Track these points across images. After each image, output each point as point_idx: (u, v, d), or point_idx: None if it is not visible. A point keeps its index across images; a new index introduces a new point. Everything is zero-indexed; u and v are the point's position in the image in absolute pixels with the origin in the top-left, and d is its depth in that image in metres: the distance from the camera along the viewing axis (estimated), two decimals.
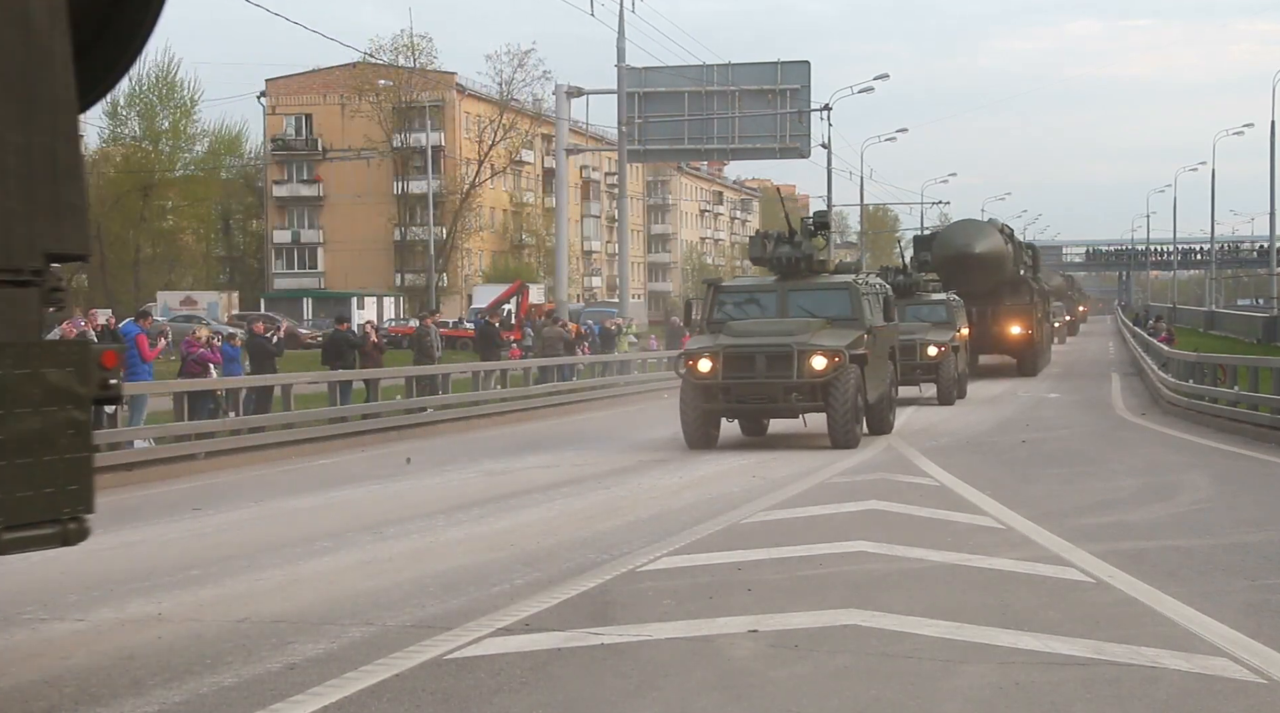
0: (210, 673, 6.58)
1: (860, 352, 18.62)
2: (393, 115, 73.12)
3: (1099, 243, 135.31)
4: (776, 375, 17.85)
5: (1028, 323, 37.66)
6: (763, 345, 18.17)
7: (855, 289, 18.99)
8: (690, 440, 18.37)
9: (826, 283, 19.75)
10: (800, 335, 18.09)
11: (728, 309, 19.41)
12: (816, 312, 19.22)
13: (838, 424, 18.08)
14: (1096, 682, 6.13)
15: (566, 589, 8.41)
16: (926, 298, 30.29)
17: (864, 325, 18.54)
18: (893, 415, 20.45)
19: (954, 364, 27.45)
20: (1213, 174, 76.00)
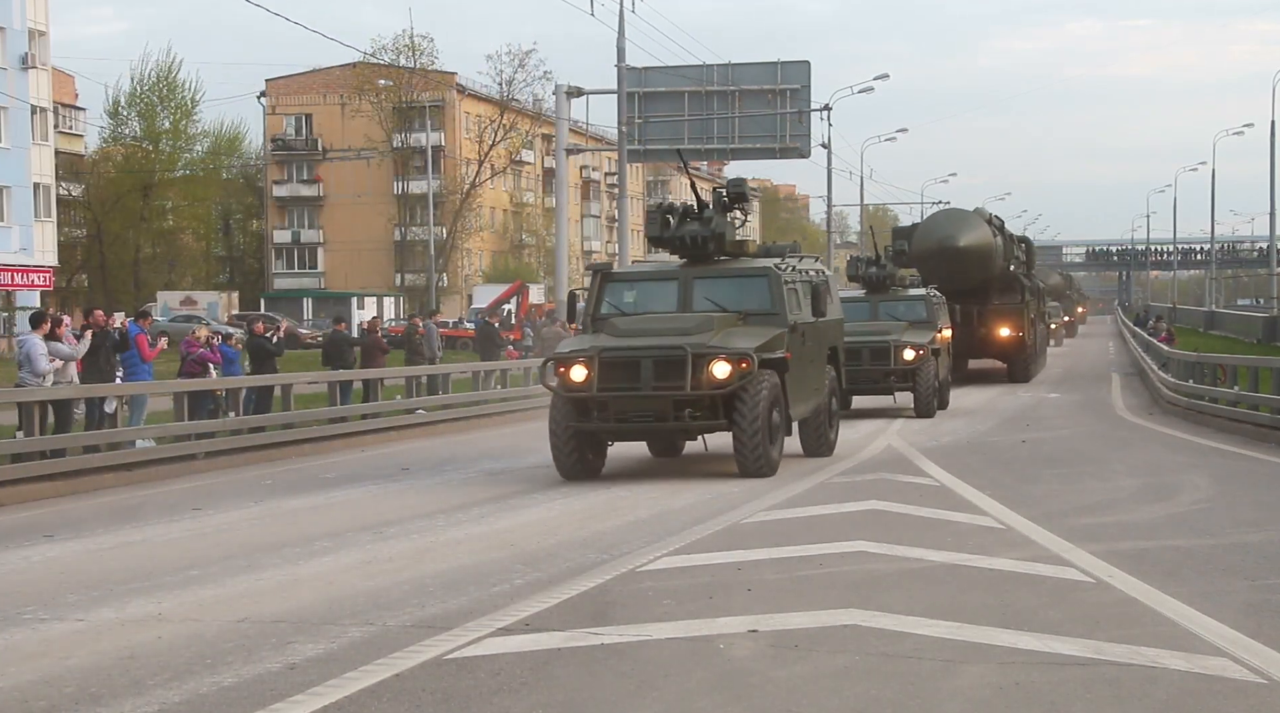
0: (210, 673, 6.58)
1: (778, 355, 14.96)
2: (393, 115, 73.11)
3: (1099, 243, 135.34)
4: (666, 386, 14.21)
5: (1019, 324, 34.28)
6: (650, 348, 14.39)
7: (776, 277, 14.51)
8: (562, 469, 14.68)
9: (741, 269, 15.97)
10: (699, 335, 14.50)
11: (621, 302, 15.84)
12: (728, 305, 15.33)
13: (745, 447, 14.29)
14: (1096, 682, 6.12)
15: (566, 589, 8.41)
16: (902, 293, 27.32)
17: (786, 322, 14.35)
18: (834, 434, 16.11)
19: (934, 370, 24.41)
20: (1213, 174, 76.08)
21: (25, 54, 53.86)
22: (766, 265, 15.62)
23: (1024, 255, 38.98)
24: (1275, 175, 59.08)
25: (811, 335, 16.09)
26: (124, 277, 62.24)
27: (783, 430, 14.82)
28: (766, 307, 15.17)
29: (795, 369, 15.21)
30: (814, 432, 16.55)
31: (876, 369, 23.94)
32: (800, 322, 15.57)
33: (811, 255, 18.13)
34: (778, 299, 15.26)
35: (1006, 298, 34.65)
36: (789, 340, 15.06)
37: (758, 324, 14.89)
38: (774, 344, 14.71)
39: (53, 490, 14.84)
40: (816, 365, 16.47)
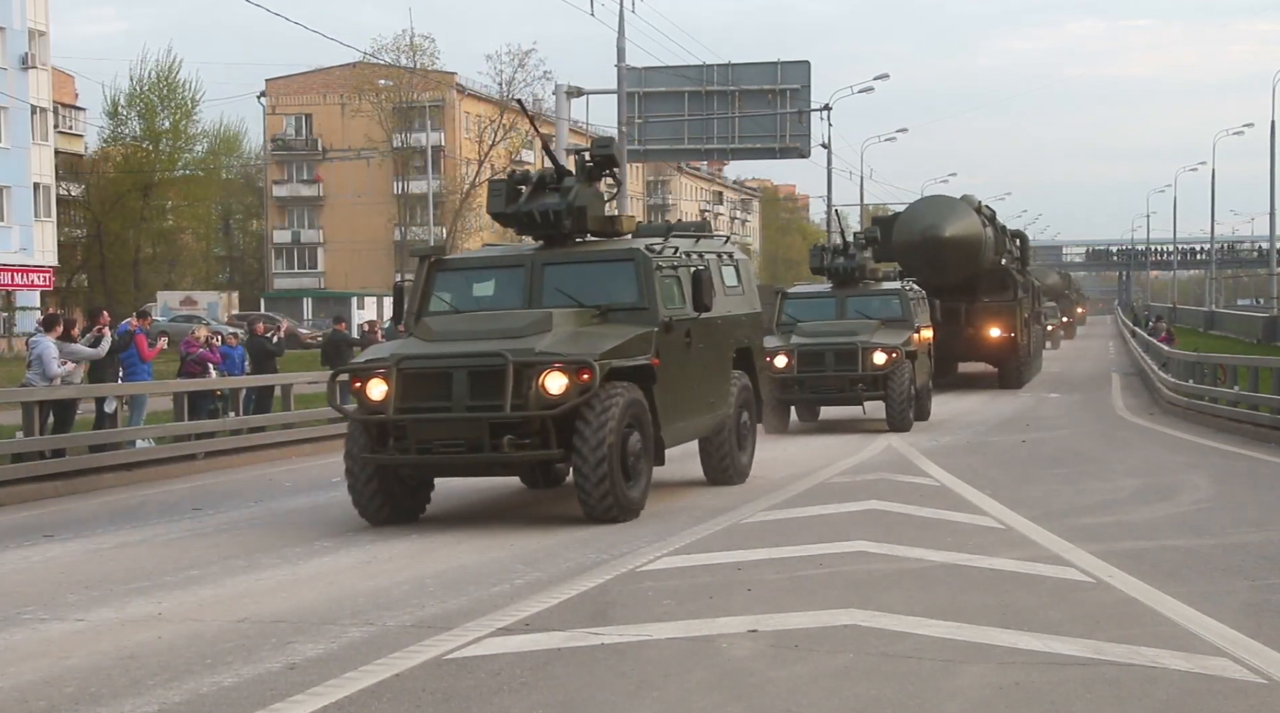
0: (210, 673, 6.58)
1: (640, 361, 16.70)
2: (393, 115, 73.10)
3: (1099, 243, 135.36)
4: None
5: (1010, 324, 31.46)
6: (464, 356, 15.79)
7: (645, 261, 12.39)
8: (364, 512, 14.79)
9: (602, 252, 17.83)
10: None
11: (457, 296, 17.11)
12: (586, 298, 16.01)
13: (588, 483, 14.43)
14: (1096, 682, 6.12)
15: (566, 589, 8.41)
16: (874, 287, 23.50)
17: (656, 318, 12.05)
18: (748, 456, 14.35)
19: (909, 376, 21.17)
20: (1213, 174, 76.08)
21: (25, 54, 53.89)
22: (633, 247, 12.62)
23: (1018, 250, 36.33)
24: (1275, 175, 59.08)
25: (702, 335, 13.06)
26: (124, 277, 62.19)
27: (648, 459, 11.69)
28: (633, 299, 12.19)
29: (671, 379, 12.23)
30: (716, 454, 13.75)
31: (841, 376, 20.95)
32: (679, 318, 12.57)
33: (720, 234, 15.68)
34: (647, 290, 12.29)
35: (997, 295, 31.94)
36: (660, 342, 12.08)
37: (621, 321, 12.05)
38: (633, 347, 11.67)
39: (53, 491, 14.84)
40: (712, 372, 13.40)
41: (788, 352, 20.91)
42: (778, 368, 20.40)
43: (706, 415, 13.27)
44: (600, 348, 11.24)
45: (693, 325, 12.84)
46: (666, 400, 12.14)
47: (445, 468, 11.51)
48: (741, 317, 14.39)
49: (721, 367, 13.70)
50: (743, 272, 14.87)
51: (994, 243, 32.20)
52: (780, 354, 20.72)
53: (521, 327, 11.49)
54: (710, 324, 13.26)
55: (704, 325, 13.09)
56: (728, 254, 14.59)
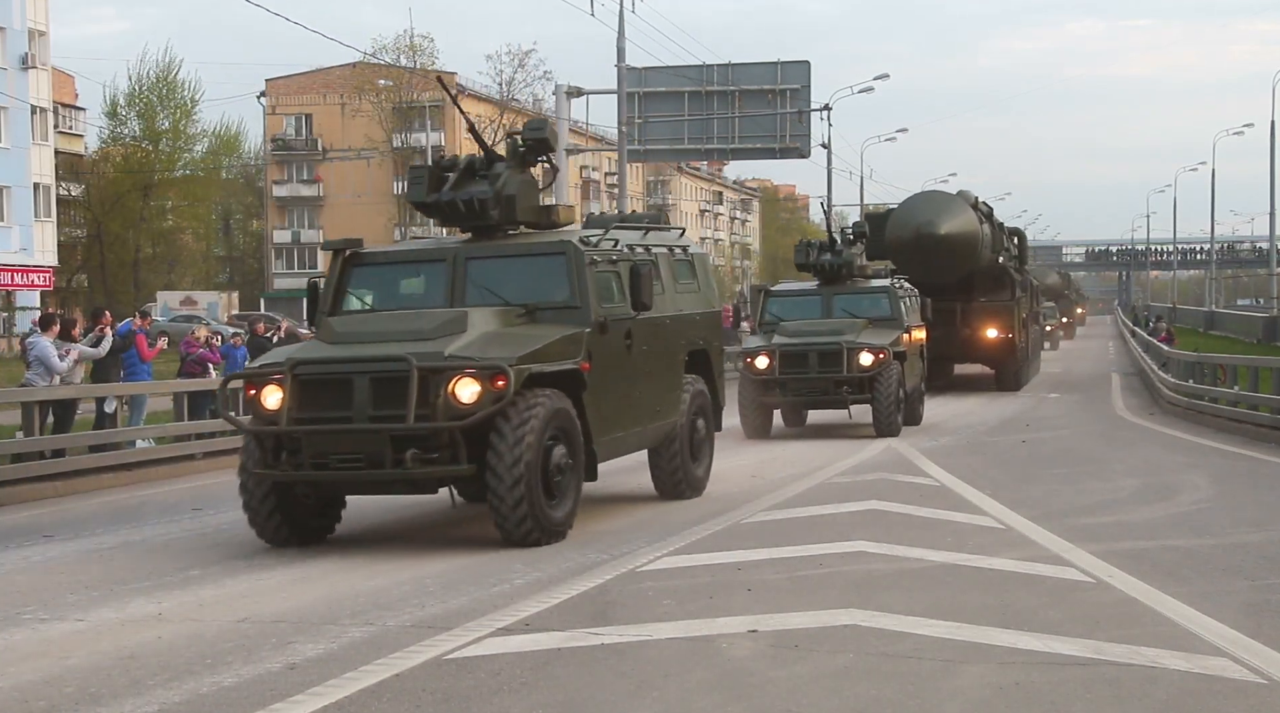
0: (210, 673, 6.58)
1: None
2: (393, 115, 73.12)
3: (1099, 243, 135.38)
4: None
5: (1008, 324, 30.45)
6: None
7: (577, 255, 11.12)
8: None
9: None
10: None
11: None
12: (514, 295, 16.60)
13: (503, 505, 15.35)
14: (1096, 682, 6.12)
15: (566, 589, 8.41)
16: (862, 285, 22.34)
17: (589, 317, 10.79)
18: (704, 468, 13.02)
19: (897, 377, 20.03)
20: (1213, 174, 76.09)
21: (25, 54, 53.90)
22: (564, 240, 11.44)
23: (1015, 248, 35.28)
24: (1275, 175, 59.10)
25: (647, 336, 11.95)
26: (124, 277, 62.20)
27: (576, 475, 10.47)
28: (564, 297, 11.05)
29: (606, 385, 11.14)
30: (667, 466, 12.66)
31: (825, 378, 19.80)
32: (617, 317, 11.42)
33: (677, 227, 14.31)
34: (579, 287, 11.12)
35: (994, 295, 30.95)
36: (593, 344, 10.96)
37: (551, 321, 10.90)
38: (558, 350, 10.51)
39: (53, 491, 14.84)
40: (659, 377, 12.22)
41: (769, 352, 19.99)
42: (758, 369, 19.91)
43: (652, 424, 12.11)
44: (518, 351, 10.05)
45: (634, 326, 11.70)
46: (600, 409, 11.01)
47: (343, 485, 10.34)
48: (695, 316, 13.17)
49: (670, 371, 12.55)
50: (699, 267, 13.63)
51: (991, 240, 31.08)
52: (761, 355, 20.04)
53: (432, 328, 10.29)
54: (656, 325, 12.14)
55: (648, 326, 11.97)
56: (681, 248, 13.44)
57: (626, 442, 11.78)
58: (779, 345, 20.08)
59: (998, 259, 31.82)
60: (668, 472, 12.74)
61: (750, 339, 21.35)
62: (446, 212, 11.64)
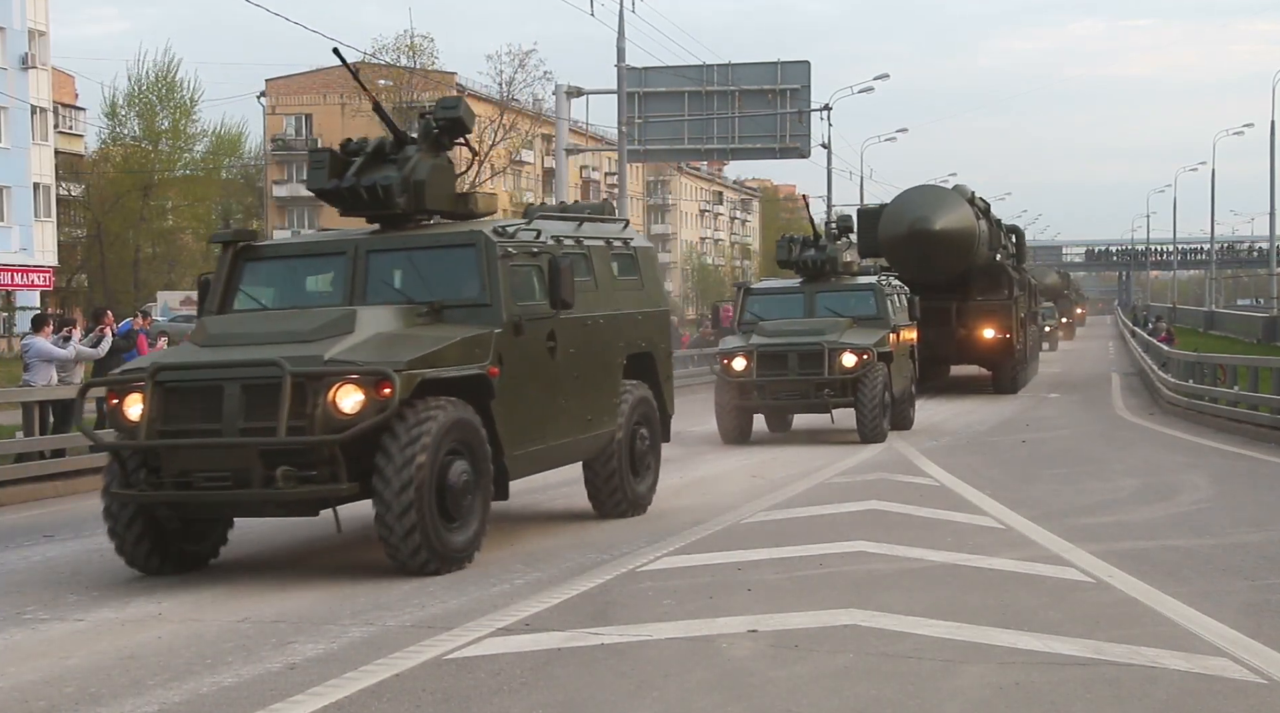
0: (210, 673, 6.58)
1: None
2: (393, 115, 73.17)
3: (1099, 243, 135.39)
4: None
5: (1005, 324, 29.51)
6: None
7: (488, 247, 9.89)
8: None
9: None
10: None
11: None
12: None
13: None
14: (1096, 682, 6.12)
15: (566, 589, 8.41)
16: (848, 282, 20.98)
17: (501, 316, 9.57)
18: (647, 483, 11.84)
19: (883, 380, 18.95)
20: (1213, 174, 76.10)
21: (25, 54, 53.92)
22: (474, 230, 10.22)
23: (1013, 246, 34.37)
24: (1275, 175, 59.10)
25: (575, 338, 10.83)
26: (124, 277, 62.20)
27: (482, 494, 9.34)
28: (473, 293, 9.96)
29: (521, 392, 10.02)
30: (603, 482, 11.56)
31: (805, 380, 18.76)
32: (536, 317, 10.24)
33: (618, 218, 12.97)
34: (489, 282, 9.92)
35: (991, 293, 29.93)
36: (505, 346, 9.79)
37: (458, 321, 9.75)
38: (459, 353, 9.36)
39: (53, 490, 14.83)
40: (590, 383, 11.07)
41: (746, 353, 19.00)
42: (735, 371, 18.95)
43: (582, 435, 10.98)
44: (409, 354, 8.92)
45: (559, 326, 10.54)
46: (514, 419, 9.87)
47: (208, 507, 9.10)
48: (637, 316, 11.96)
49: (606, 376, 11.38)
50: (643, 262, 12.40)
51: (988, 237, 30.11)
52: (738, 356, 19.08)
53: (314, 328, 9.15)
54: (587, 325, 11.02)
55: (577, 326, 10.86)
56: (622, 241, 12.16)
57: (549, 455, 10.59)
58: (757, 346, 19.06)
59: (995, 257, 31.03)
60: (604, 487, 11.56)
61: (729, 339, 20.35)
62: (347, 199, 10.45)
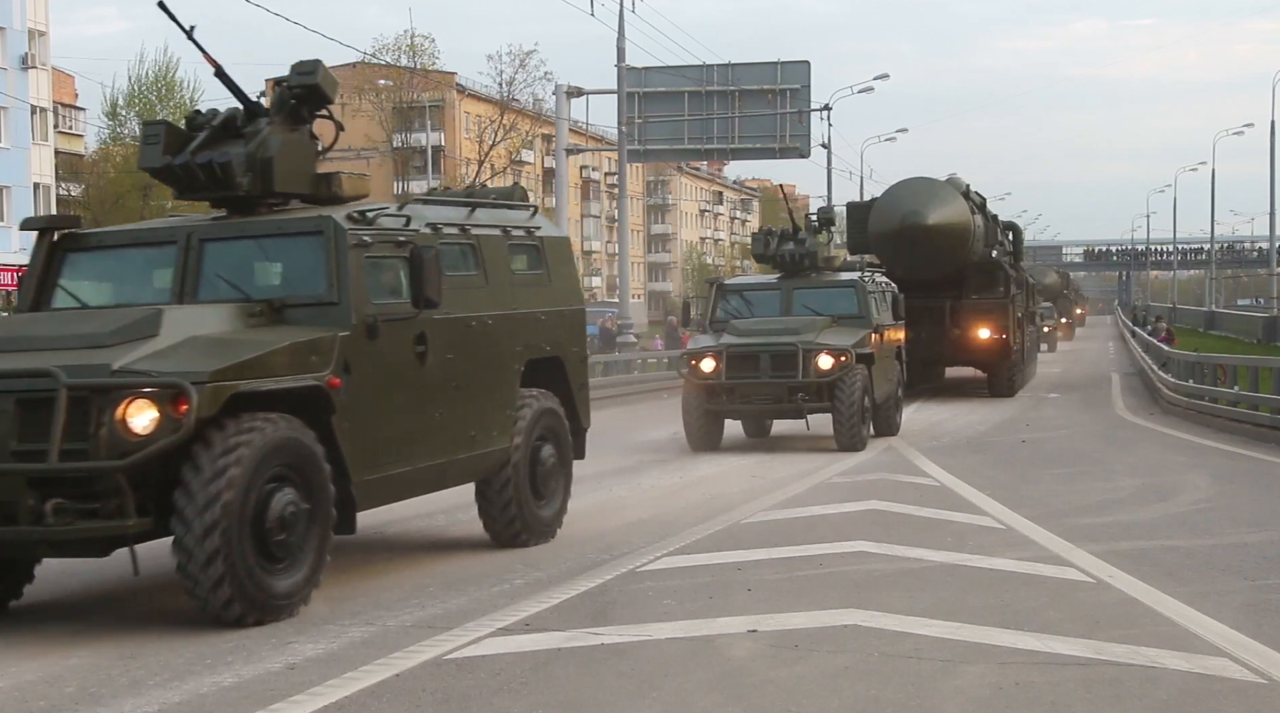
0: (210, 673, 6.58)
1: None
2: (393, 115, 73.14)
3: (1099, 243, 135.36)
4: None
5: (1001, 324, 28.27)
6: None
7: (337, 236, 8.49)
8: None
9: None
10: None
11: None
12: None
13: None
14: (1096, 682, 6.13)
15: (566, 589, 8.42)
16: (828, 278, 19.61)
17: (349, 317, 8.13)
18: (554, 506, 10.55)
19: (863, 383, 17.63)
20: (1213, 174, 76.19)
21: (25, 54, 53.97)
22: (323, 216, 8.72)
23: (1010, 243, 33.02)
24: (1275, 175, 59.14)
25: (454, 341, 9.36)
26: None
27: (319, 528, 7.94)
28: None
29: (375, 405, 8.61)
30: (498, 506, 10.10)
31: (778, 383, 17.56)
32: (398, 317, 8.78)
33: (526, 205, 11.11)
34: (337, 277, 8.49)
35: (987, 292, 28.64)
36: (353, 352, 8.39)
37: (303, 320, 8.34)
38: (287, 361, 7.95)
39: None
40: (477, 394, 9.63)
41: (715, 354, 17.78)
42: (704, 373, 17.76)
43: (463, 455, 9.50)
44: (216, 363, 7.51)
45: (433, 328, 9.08)
46: (365, 438, 8.48)
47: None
48: (540, 315, 10.44)
49: (497, 385, 9.87)
50: (551, 255, 10.80)
51: (983, 233, 28.82)
52: (706, 356, 17.85)
53: (112, 331, 7.72)
54: (471, 326, 9.55)
55: (457, 328, 9.39)
56: (525, 230, 10.60)
57: (417, 479, 9.20)
58: (726, 346, 17.81)
59: (991, 253, 29.92)
60: (498, 513, 10.10)
61: (699, 338, 19.06)
62: (182, 179, 9.04)
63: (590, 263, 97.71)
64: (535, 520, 10.28)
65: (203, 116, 9.29)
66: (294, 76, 9.29)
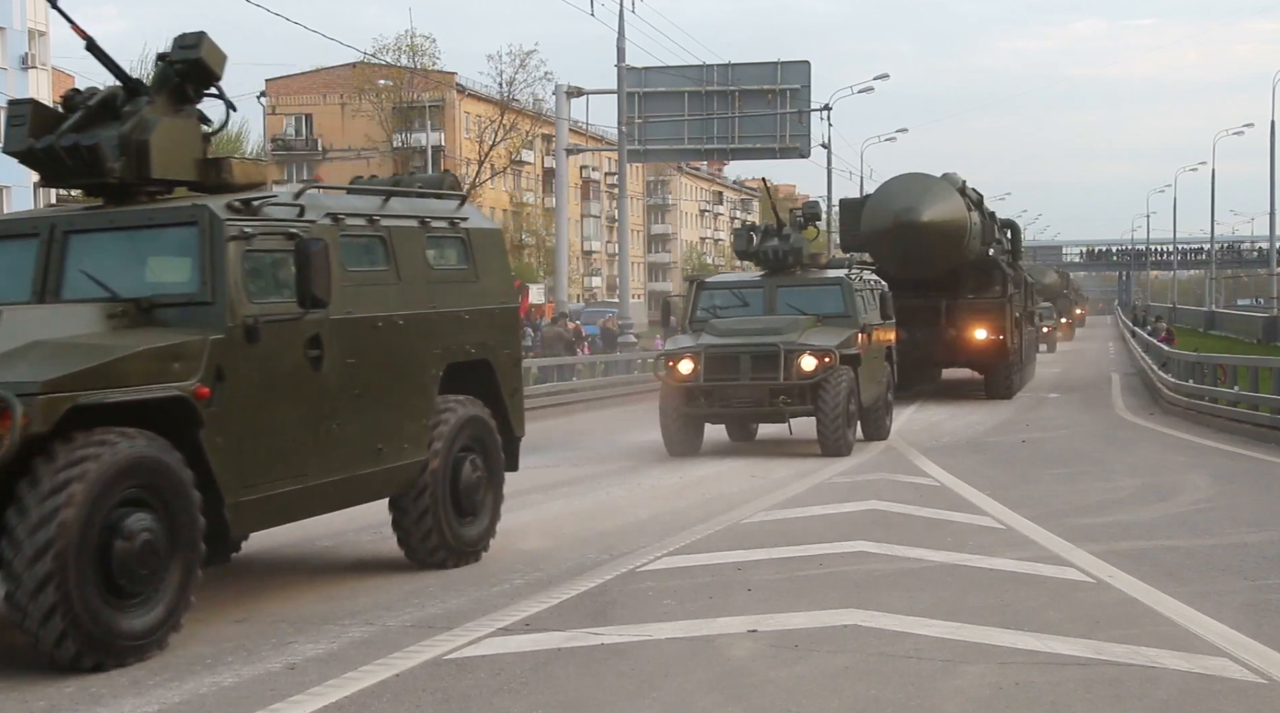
0: (210, 673, 6.58)
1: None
2: (393, 115, 73.16)
3: (1099, 243, 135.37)
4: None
5: (998, 324, 27.43)
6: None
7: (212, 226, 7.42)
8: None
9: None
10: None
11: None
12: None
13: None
14: (1096, 682, 6.13)
15: (566, 589, 8.42)
16: (814, 276, 18.68)
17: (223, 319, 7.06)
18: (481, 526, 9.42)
19: (848, 386, 16.73)
20: (1213, 174, 76.12)
21: (25, 54, 53.98)
22: (196, 204, 7.86)
23: (1008, 242, 32.06)
24: (1275, 175, 59.13)
25: (356, 344, 8.44)
26: None
27: (183, 558, 7.06)
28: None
29: (256, 418, 7.66)
30: (415, 524, 9.17)
31: (759, 385, 16.70)
32: (283, 318, 7.86)
33: (454, 194, 10.03)
34: (210, 273, 7.61)
35: (983, 291, 27.90)
36: (227, 357, 7.50)
37: (174, 321, 7.56)
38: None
39: None
40: (382, 402, 8.67)
41: (693, 355, 16.93)
42: (681, 375, 16.90)
43: (366, 469, 8.56)
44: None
45: (330, 330, 8.18)
46: (241, 454, 7.54)
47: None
48: (464, 315, 9.50)
49: (410, 392, 8.95)
50: (479, 248, 9.81)
51: (980, 230, 27.80)
52: (684, 357, 17.01)
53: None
54: (378, 328, 8.63)
55: (360, 330, 8.48)
56: (448, 221, 9.63)
57: (308, 498, 8.18)
58: (705, 346, 16.99)
59: (988, 252, 28.98)
60: (416, 531, 9.16)
61: (678, 338, 18.29)
62: (47, 164, 8.17)
63: (590, 263, 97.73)
64: (457, 540, 9.31)
65: (80, 95, 8.37)
66: (176, 51, 8.36)
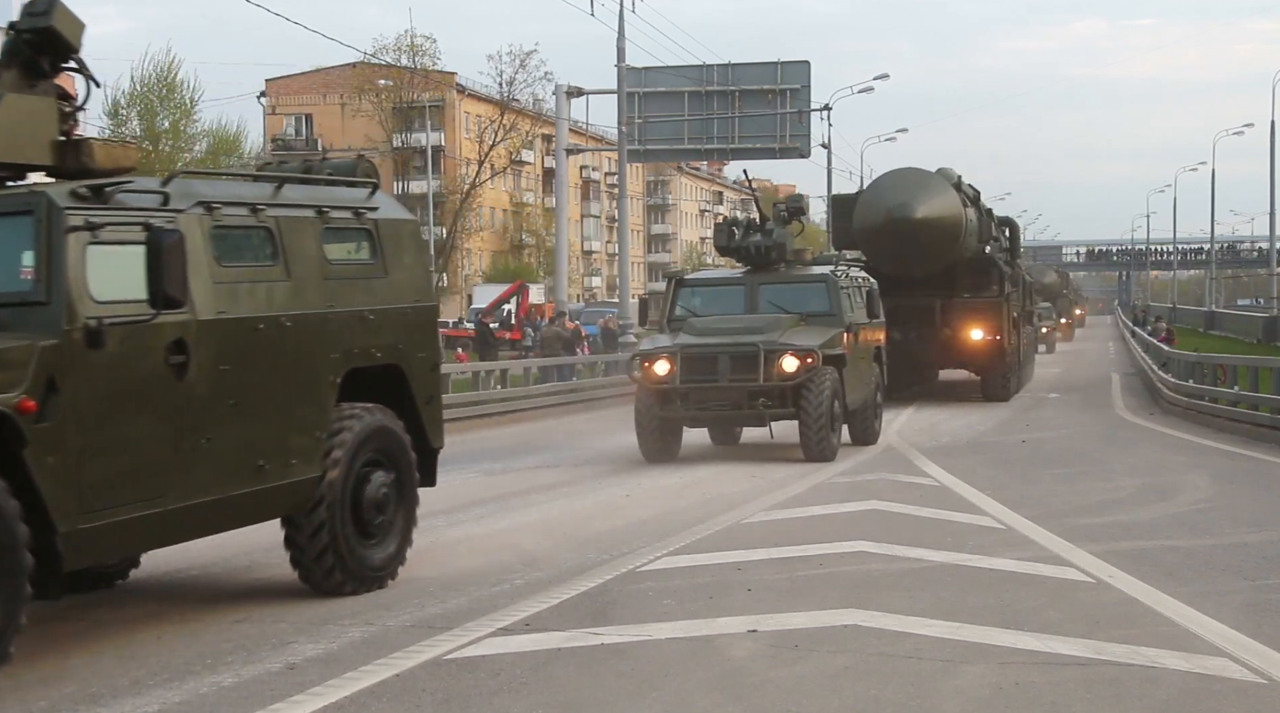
0: (210, 673, 6.58)
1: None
2: (393, 115, 73.18)
3: (1099, 243, 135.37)
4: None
5: (995, 325, 26.54)
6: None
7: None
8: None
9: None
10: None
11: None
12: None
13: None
14: (1096, 682, 6.13)
15: (566, 589, 8.42)
16: (798, 272, 17.84)
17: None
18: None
19: (832, 387, 15.96)
20: (1213, 174, 76.07)
21: None
22: (36, 192, 7.06)
23: (1006, 239, 31.19)
24: (1275, 175, 59.10)
25: (234, 348, 7.59)
26: None
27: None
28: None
29: (99, 433, 6.80)
30: (310, 545, 8.26)
31: (738, 386, 15.96)
32: (134, 319, 6.96)
33: (365, 182, 9.09)
34: (48, 271, 6.82)
35: (980, 290, 26.94)
36: (66, 364, 6.64)
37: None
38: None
39: None
40: (265, 413, 7.81)
41: (669, 355, 16.20)
42: (656, 376, 16.16)
43: (244, 489, 7.67)
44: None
45: (198, 333, 7.32)
46: (80, 476, 6.67)
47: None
48: (368, 314, 8.58)
49: (301, 401, 8.07)
50: (387, 240, 8.88)
51: (976, 227, 27.06)
52: (660, 358, 16.27)
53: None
54: (260, 329, 7.75)
55: (238, 332, 7.61)
56: (351, 211, 8.66)
57: (169, 523, 7.26)
58: (682, 347, 16.25)
59: (984, 249, 28.17)
60: (310, 551, 8.25)
61: (655, 338, 17.60)
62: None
63: (590, 263, 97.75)
64: (359, 563, 8.40)
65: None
66: (24, 19, 7.48)
